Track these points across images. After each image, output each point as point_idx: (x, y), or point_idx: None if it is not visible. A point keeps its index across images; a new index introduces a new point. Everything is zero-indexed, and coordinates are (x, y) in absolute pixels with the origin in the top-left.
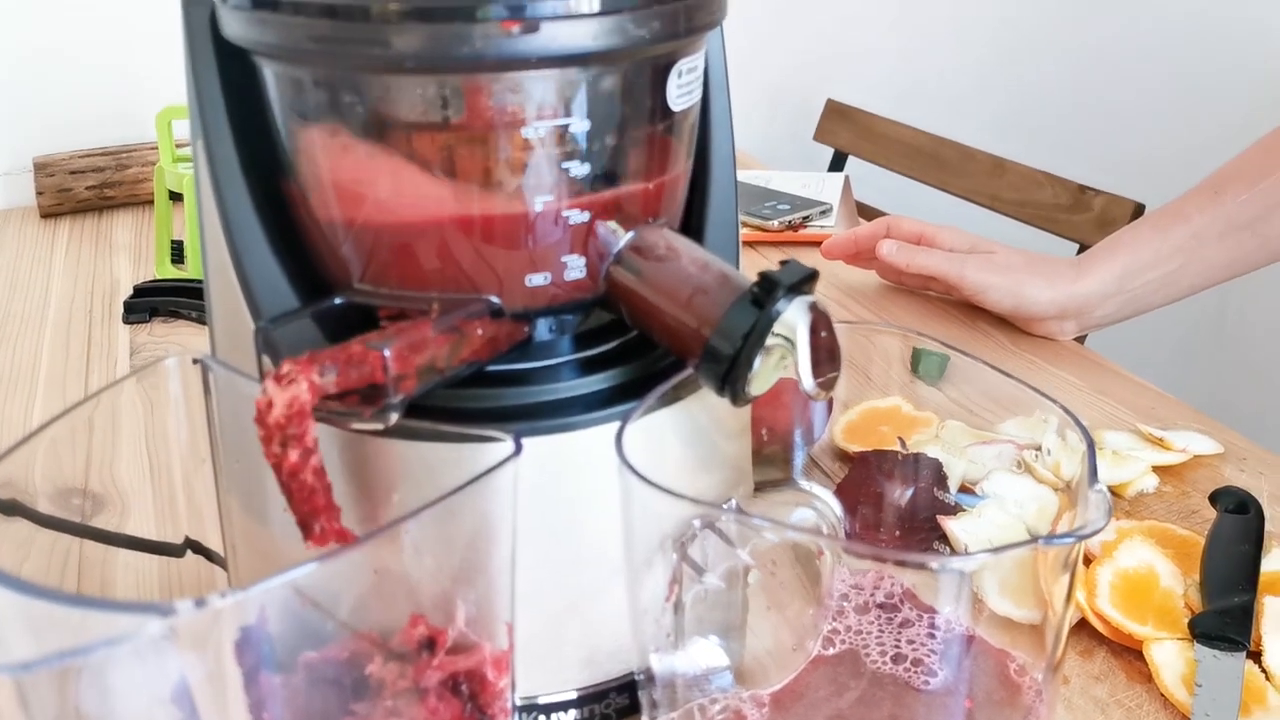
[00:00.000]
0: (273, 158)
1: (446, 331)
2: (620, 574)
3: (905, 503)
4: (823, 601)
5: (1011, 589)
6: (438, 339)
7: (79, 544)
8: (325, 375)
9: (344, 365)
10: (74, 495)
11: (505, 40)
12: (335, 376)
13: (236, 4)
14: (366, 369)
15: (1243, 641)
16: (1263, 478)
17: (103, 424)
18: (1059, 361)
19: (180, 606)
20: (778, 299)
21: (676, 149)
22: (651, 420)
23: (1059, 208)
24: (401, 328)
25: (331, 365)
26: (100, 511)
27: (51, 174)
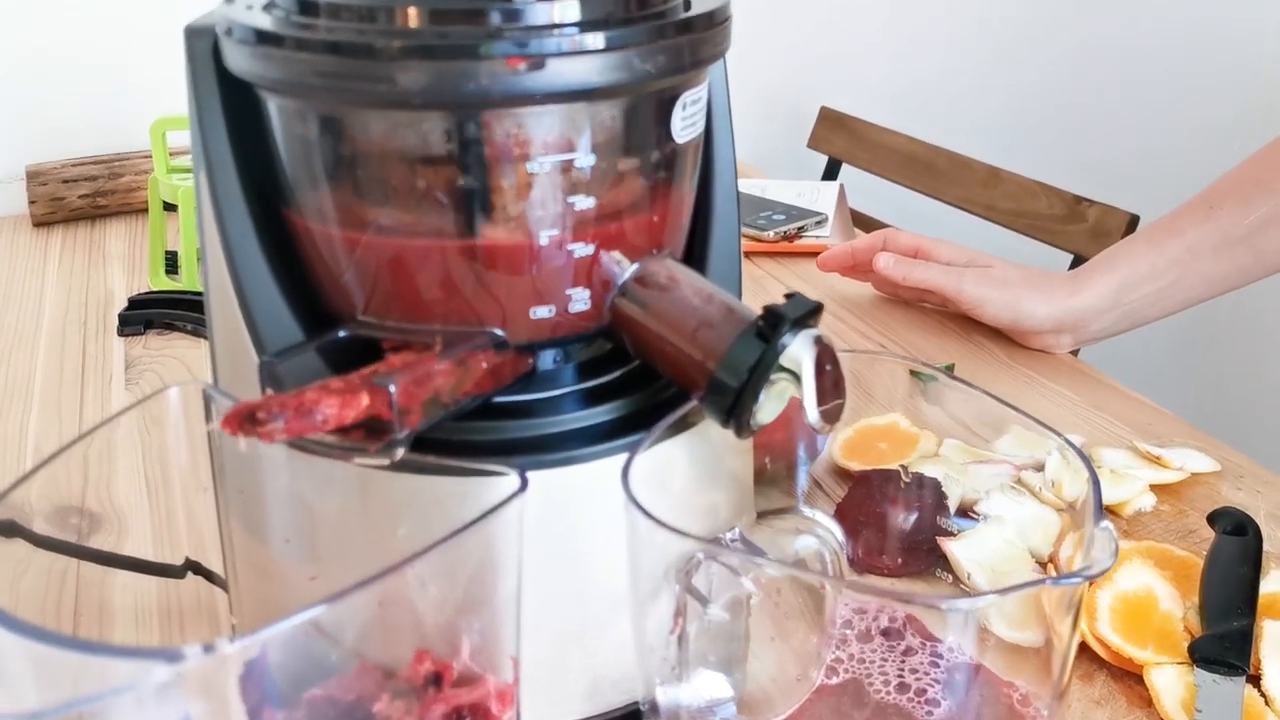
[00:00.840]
0: (276, 188)
1: (451, 365)
2: (624, 604)
3: (906, 525)
4: (826, 629)
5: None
6: (442, 372)
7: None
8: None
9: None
10: (71, 514)
11: (511, 77)
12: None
13: (241, 38)
14: (372, 404)
15: (1242, 666)
16: (1260, 496)
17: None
18: (1055, 376)
19: (189, 652)
20: (783, 333)
21: (680, 180)
22: (656, 451)
23: (1054, 218)
24: (406, 362)
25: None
26: (97, 530)
27: (44, 183)
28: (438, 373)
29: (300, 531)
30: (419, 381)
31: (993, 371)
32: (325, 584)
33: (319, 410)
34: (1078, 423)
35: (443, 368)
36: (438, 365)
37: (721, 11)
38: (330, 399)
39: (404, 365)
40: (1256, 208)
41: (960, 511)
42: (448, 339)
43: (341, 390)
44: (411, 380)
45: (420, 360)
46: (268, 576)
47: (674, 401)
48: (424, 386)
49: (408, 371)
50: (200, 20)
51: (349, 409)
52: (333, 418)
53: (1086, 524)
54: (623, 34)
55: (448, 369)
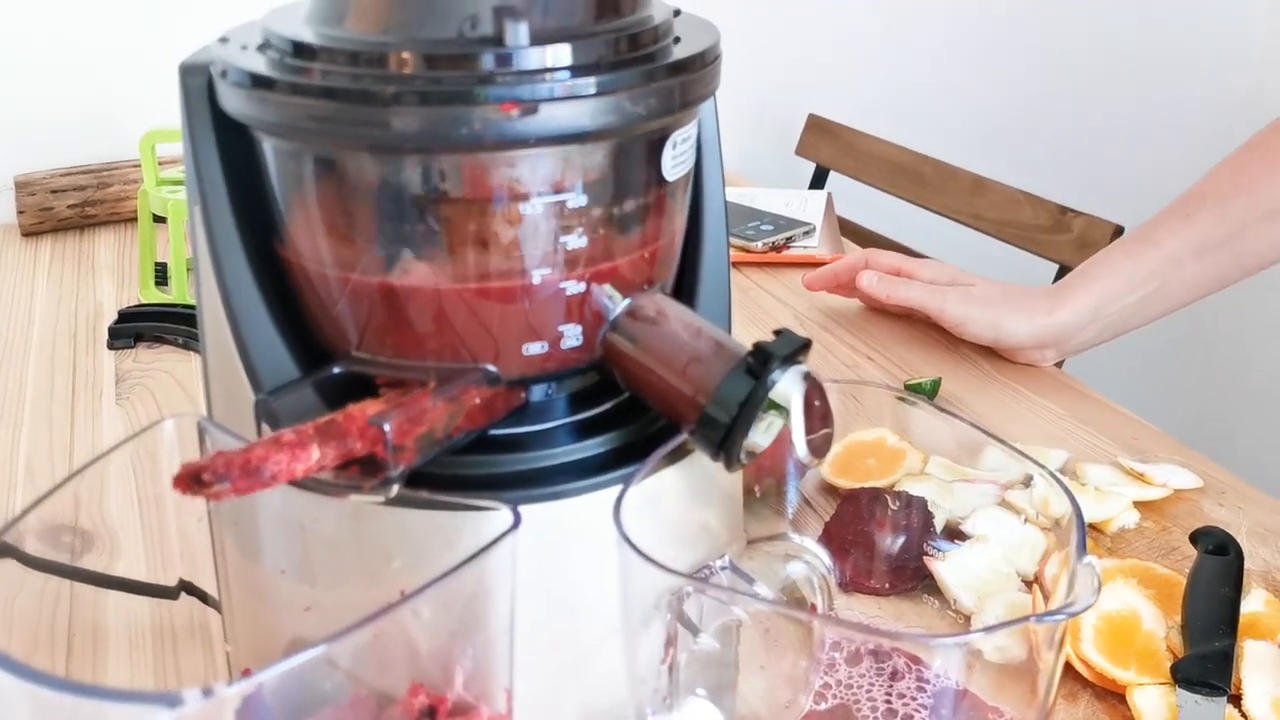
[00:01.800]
0: (270, 225)
1: (444, 401)
2: (615, 635)
3: (894, 547)
4: (814, 654)
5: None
6: (436, 409)
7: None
8: None
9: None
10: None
11: (505, 122)
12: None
13: (236, 81)
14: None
15: (1223, 687)
16: (1241, 512)
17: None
18: (1041, 390)
19: (188, 696)
20: (772, 369)
21: (671, 215)
22: (647, 484)
23: (1039, 228)
24: (401, 400)
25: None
26: (90, 549)
27: (33, 193)
28: (432, 409)
29: (295, 563)
30: (413, 418)
31: (979, 385)
32: (320, 614)
33: (266, 468)
34: (1062, 437)
35: (436, 404)
36: (431, 401)
37: (711, 51)
38: (279, 454)
39: (399, 404)
40: (1234, 212)
41: (947, 531)
42: (441, 375)
43: (291, 444)
44: (406, 417)
45: (414, 397)
46: (263, 605)
47: (663, 433)
48: (419, 423)
49: (402, 409)
50: (194, 58)
51: (298, 462)
52: (282, 473)
53: (1070, 557)
54: (614, 78)
55: (441, 405)
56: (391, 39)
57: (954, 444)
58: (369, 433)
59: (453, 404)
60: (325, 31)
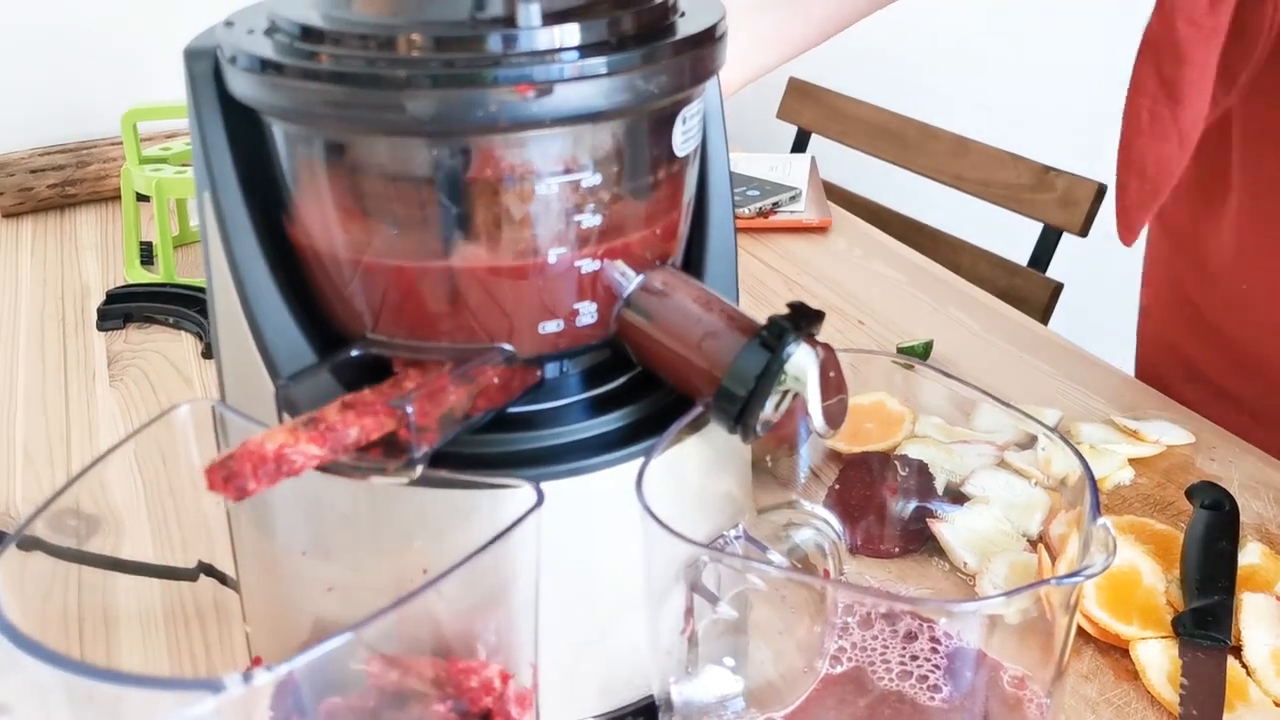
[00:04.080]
0: (281, 208)
1: (463, 381)
2: (635, 605)
3: (897, 510)
4: (828, 619)
5: None
6: (455, 389)
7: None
8: None
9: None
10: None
11: (520, 103)
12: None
13: (246, 66)
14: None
15: (1224, 639)
16: (1233, 466)
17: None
18: (1032, 349)
19: (229, 682)
20: (788, 342)
21: (681, 190)
22: (666, 456)
23: (1022, 187)
24: (420, 380)
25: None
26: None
27: (11, 173)
28: (450, 389)
29: (316, 544)
30: (433, 399)
31: (968, 345)
32: (342, 594)
33: (294, 456)
34: (1054, 396)
35: (455, 384)
36: (450, 381)
37: (720, 26)
38: (304, 442)
39: (418, 384)
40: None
41: (948, 492)
42: (458, 355)
43: (314, 432)
44: (427, 398)
45: (433, 378)
46: (283, 587)
47: (677, 407)
48: (439, 404)
49: (422, 390)
50: (198, 42)
51: (324, 448)
52: (309, 461)
53: (1084, 517)
54: (627, 56)
55: (460, 385)
56: (401, 21)
57: (949, 406)
58: (391, 415)
59: (471, 384)
60: (333, 14)
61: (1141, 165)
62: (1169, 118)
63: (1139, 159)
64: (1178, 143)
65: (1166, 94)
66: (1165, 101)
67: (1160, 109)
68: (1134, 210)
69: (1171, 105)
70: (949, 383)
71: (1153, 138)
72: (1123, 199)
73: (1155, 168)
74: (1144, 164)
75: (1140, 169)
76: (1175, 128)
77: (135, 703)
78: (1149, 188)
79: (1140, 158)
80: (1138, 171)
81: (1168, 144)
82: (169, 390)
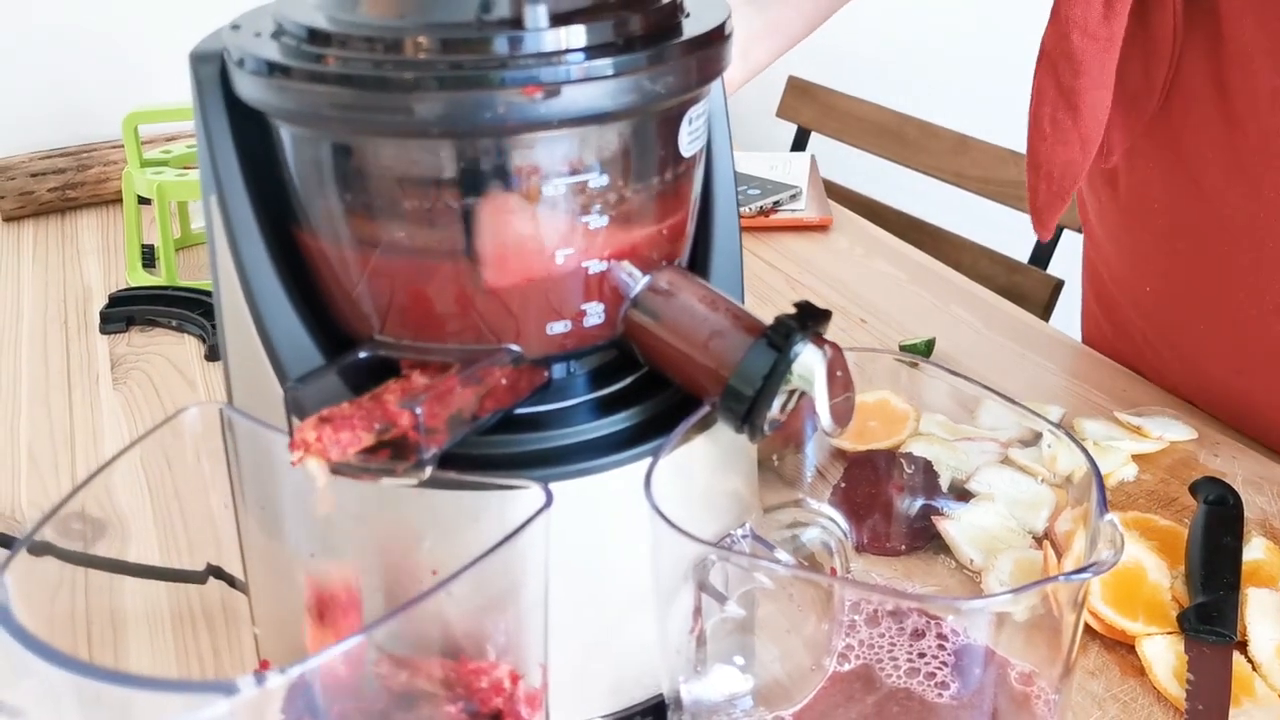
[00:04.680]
0: (288, 211)
1: (471, 382)
2: (643, 604)
3: (902, 508)
4: (835, 616)
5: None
6: (463, 390)
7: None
8: None
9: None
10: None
11: (527, 105)
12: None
13: (254, 70)
14: (398, 427)
15: (1229, 634)
16: (1236, 462)
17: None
18: (1033, 345)
19: (242, 684)
20: (795, 342)
21: (687, 190)
22: (674, 455)
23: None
24: (429, 383)
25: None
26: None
27: (12, 177)
28: (459, 390)
29: (325, 546)
30: (442, 400)
31: (971, 342)
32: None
33: None
34: (1057, 392)
35: (463, 385)
36: (458, 383)
37: (726, 25)
38: None
39: (427, 386)
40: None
41: (953, 489)
42: (465, 356)
43: None
44: (436, 399)
45: (442, 379)
46: (291, 589)
47: (684, 406)
48: (448, 405)
49: (431, 391)
50: (205, 45)
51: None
52: None
53: (1091, 513)
54: (633, 57)
55: (468, 386)
56: (408, 23)
57: (953, 403)
58: (401, 416)
59: (479, 385)
60: (340, 17)
61: (1049, 169)
62: (1070, 124)
63: (1045, 163)
64: (1079, 147)
65: (1065, 102)
66: (1065, 109)
67: (1061, 116)
68: (1044, 211)
69: (1071, 113)
70: (954, 380)
71: (1055, 143)
72: (1033, 200)
73: (1060, 171)
74: (1050, 168)
75: (1047, 173)
76: (1076, 134)
77: (147, 706)
78: (1055, 189)
79: (1046, 162)
80: (1045, 175)
81: (1070, 148)
82: (172, 393)
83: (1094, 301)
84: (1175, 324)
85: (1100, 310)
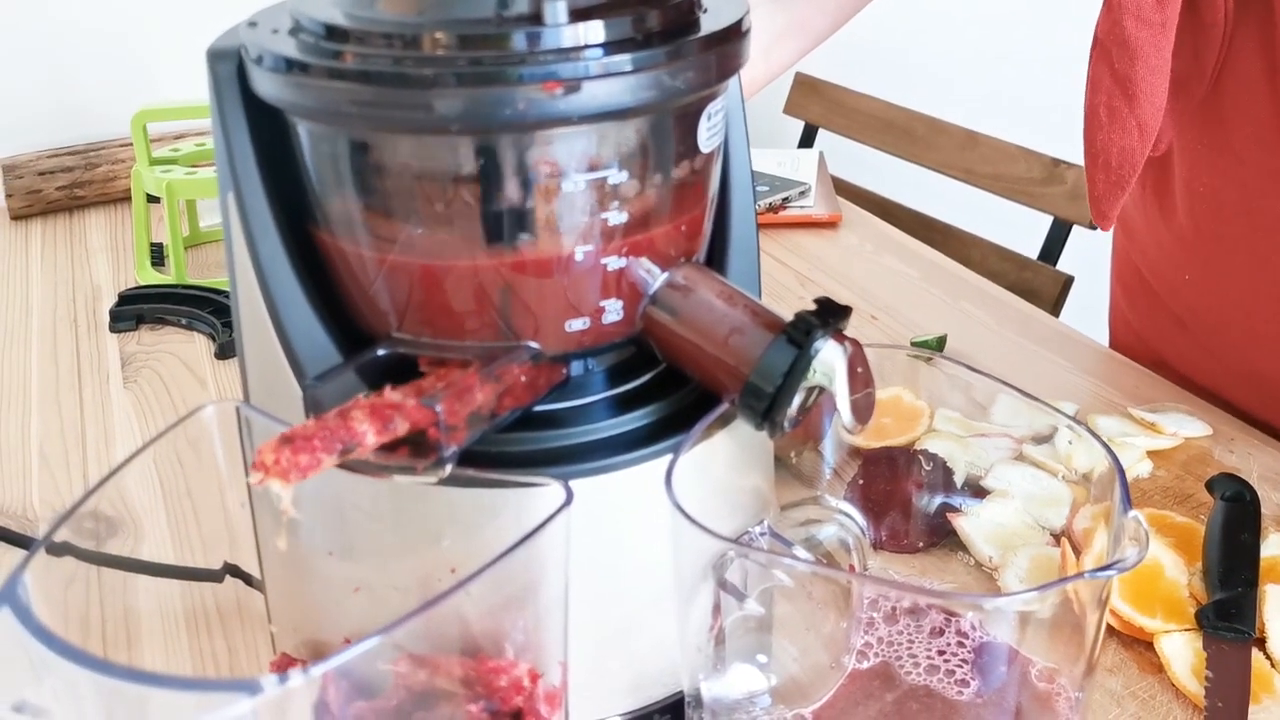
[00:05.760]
0: (306, 208)
1: (490, 379)
2: (661, 602)
3: (919, 504)
4: (854, 613)
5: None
6: (482, 387)
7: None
8: None
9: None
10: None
11: (547, 101)
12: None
13: (272, 67)
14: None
15: (1248, 631)
16: (1251, 458)
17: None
18: (1045, 341)
19: (265, 684)
20: (815, 338)
21: (705, 186)
22: (694, 452)
23: (1032, 181)
24: (448, 379)
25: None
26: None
27: (20, 176)
28: (478, 387)
29: (342, 544)
30: (462, 398)
31: (982, 339)
32: (368, 594)
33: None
34: (1069, 389)
35: (482, 382)
36: (477, 380)
37: (744, 21)
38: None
39: (446, 384)
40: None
41: (968, 486)
42: (484, 354)
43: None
44: (455, 397)
45: (461, 376)
46: (309, 587)
47: (702, 403)
48: (467, 402)
49: (450, 389)
50: (221, 42)
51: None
52: None
53: (1114, 510)
54: (653, 53)
55: (487, 383)
56: (427, 19)
57: (966, 399)
58: (421, 414)
59: (497, 382)
60: (358, 14)
61: (1106, 158)
62: (1126, 112)
63: (1103, 152)
64: (1137, 135)
65: (1121, 90)
66: (1121, 97)
67: (1117, 104)
68: (1103, 200)
69: (1128, 100)
70: (971, 376)
71: (1112, 131)
72: (1092, 190)
73: (1119, 159)
74: (1108, 157)
75: (1105, 162)
76: (1134, 120)
77: (169, 705)
78: (1114, 177)
79: (1104, 151)
80: (1103, 165)
81: (1128, 136)
82: (183, 391)
83: (1121, 291)
84: (1214, 311)
85: (1126, 299)
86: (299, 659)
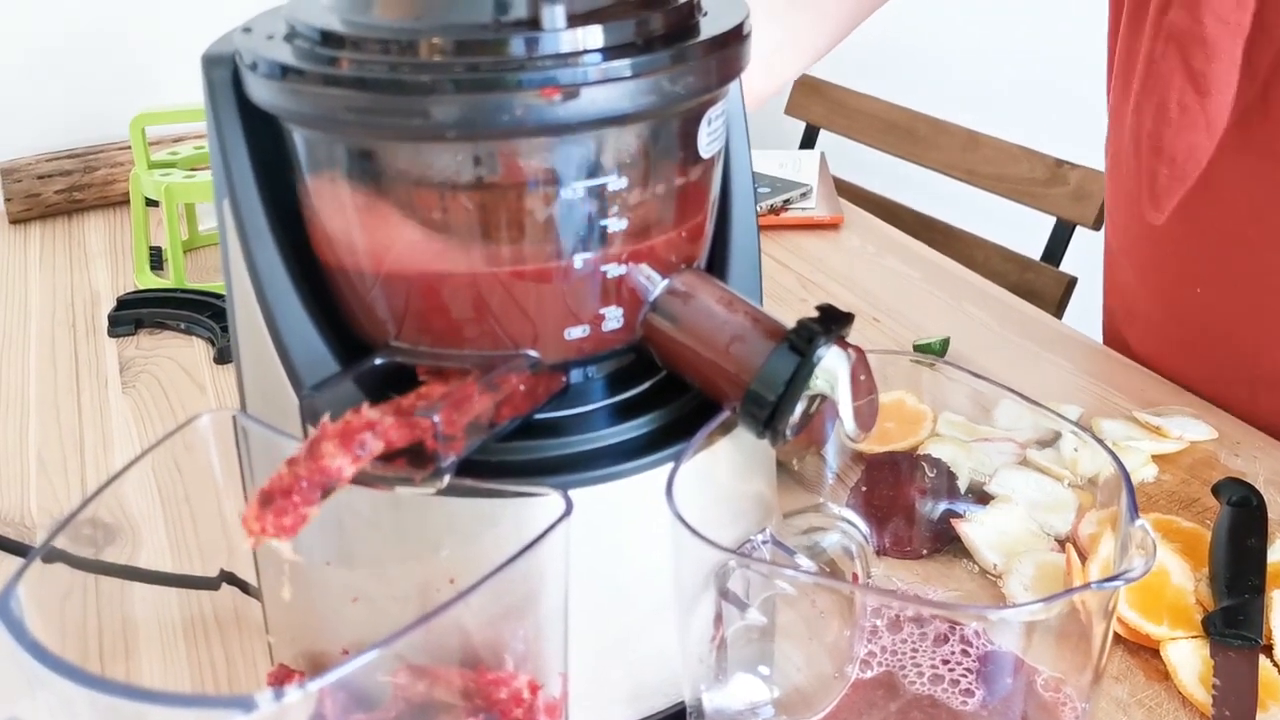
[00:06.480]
0: (302, 216)
1: (488, 388)
2: (662, 612)
3: (922, 510)
4: (857, 622)
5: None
6: (481, 396)
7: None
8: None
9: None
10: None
11: (546, 107)
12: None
13: (267, 73)
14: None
15: (1255, 638)
16: (1258, 462)
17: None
18: (1048, 344)
19: (260, 700)
20: (817, 346)
21: (706, 192)
22: (695, 461)
23: (1035, 181)
24: (446, 390)
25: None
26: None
27: (18, 179)
28: (476, 397)
29: (340, 554)
30: (460, 407)
31: (985, 342)
32: (367, 604)
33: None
34: (1074, 392)
35: (481, 392)
36: (475, 389)
37: (744, 25)
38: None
39: (444, 394)
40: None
41: (971, 491)
42: (483, 362)
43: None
44: (453, 407)
45: (459, 386)
46: (307, 597)
47: (702, 411)
48: (465, 412)
49: (448, 399)
50: (216, 48)
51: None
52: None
53: (1121, 518)
54: (652, 58)
55: (485, 393)
56: (424, 25)
57: (969, 403)
58: (418, 424)
59: (496, 391)
60: (354, 19)
61: (1171, 154)
62: (1198, 109)
63: (1169, 148)
64: (1205, 131)
65: (1195, 86)
66: (1194, 93)
67: (1189, 100)
68: (1163, 196)
69: (1200, 97)
70: (973, 381)
71: (1182, 127)
72: (1152, 185)
73: (1185, 155)
74: (1174, 153)
75: (1170, 158)
76: (1204, 118)
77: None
78: (1178, 173)
79: (1170, 147)
80: (1167, 160)
81: (1196, 132)
82: (182, 396)
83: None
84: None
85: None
86: (297, 670)
